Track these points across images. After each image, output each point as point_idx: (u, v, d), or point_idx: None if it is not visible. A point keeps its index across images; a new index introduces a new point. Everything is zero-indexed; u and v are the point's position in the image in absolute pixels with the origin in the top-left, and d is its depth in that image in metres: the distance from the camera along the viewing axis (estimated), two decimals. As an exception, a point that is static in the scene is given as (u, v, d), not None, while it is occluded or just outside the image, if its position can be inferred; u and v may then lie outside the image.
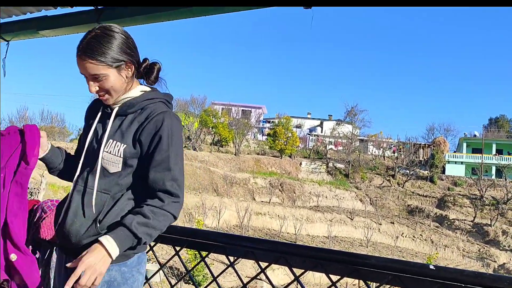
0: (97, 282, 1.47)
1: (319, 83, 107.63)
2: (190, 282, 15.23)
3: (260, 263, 1.86)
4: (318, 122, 57.83)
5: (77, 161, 1.74)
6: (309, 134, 54.12)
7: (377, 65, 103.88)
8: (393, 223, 36.86)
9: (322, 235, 34.50)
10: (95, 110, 1.79)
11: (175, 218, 1.60)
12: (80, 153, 1.75)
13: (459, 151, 49.70)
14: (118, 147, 1.63)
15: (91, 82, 1.62)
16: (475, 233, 36.57)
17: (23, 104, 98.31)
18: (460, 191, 41.45)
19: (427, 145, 48.56)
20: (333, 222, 35.51)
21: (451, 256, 34.18)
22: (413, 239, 35.64)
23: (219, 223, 31.27)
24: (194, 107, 49.94)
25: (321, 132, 54.88)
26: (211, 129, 46.57)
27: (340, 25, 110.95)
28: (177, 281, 2.12)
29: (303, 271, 1.77)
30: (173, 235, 1.98)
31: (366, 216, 37.30)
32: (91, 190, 1.64)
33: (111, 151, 1.63)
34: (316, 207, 38.03)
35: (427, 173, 44.30)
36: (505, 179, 40.58)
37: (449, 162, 45.96)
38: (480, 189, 39.85)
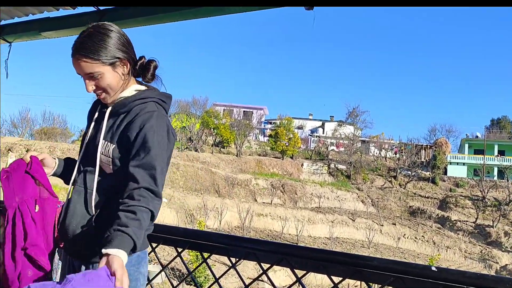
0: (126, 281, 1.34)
1: (320, 84, 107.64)
2: (192, 283, 15.23)
3: (262, 264, 1.86)
4: (319, 123, 57.84)
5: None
6: (310, 135, 54.12)
7: (379, 65, 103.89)
8: (395, 224, 36.79)
9: (323, 236, 34.45)
10: (94, 110, 1.79)
11: (153, 217, 1.54)
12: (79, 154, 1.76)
13: (461, 152, 49.65)
14: (108, 147, 1.63)
15: (87, 81, 1.62)
16: (477, 235, 36.47)
17: (25, 105, 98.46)
18: (462, 192, 41.38)
19: (429, 146, 48.54)
20: (335, 223, 35.46)
21: (453, 257, 34.08)
22: (415, 240, 35.57)
23: (220, 224, 31.24)
24: (195, 108, 50.02)
25: (323, 133, 54.87)
26: (212, 130, 46.58)
27: (341, 26, 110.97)
28: (179, 283, 2.12)
29: (304, 272, 1.77)
30: (175, 237, 1.98)
31: (367, 217, 37.24)
32: (90, 191, 1.64)
33: (103, 152, 1.64)
34: (317, 208, 37.98)
35: (429, 174, 44.23)
36: (507, 180, 40.53)
37: (451, 163, 45.91)
38: (482, 190, 39.77)
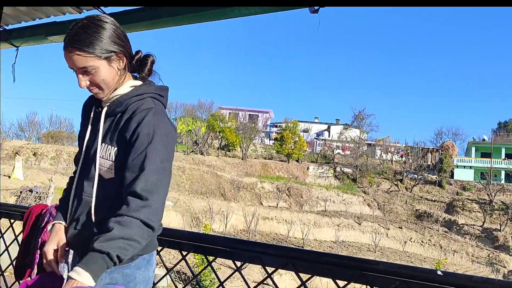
0: None
1: (326, 87, 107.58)
2: (197, 286, 15.23)
3: (267, 268, 1.86)
4: (325, 126, 57.76)
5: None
6: (316, 138, 54.03)
7: (385, 68, 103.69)
8: (401, 228, 36.61)
9: (329, 240, 34.35)
10: (89, 108, 1.69)
11: (146, 224, 1.41)
12: (78, 159, 1.68)
13: (467, 156, 49.35)
14: (109, 150, 1.54)
15: (80, 76, 1.50)
16: (485, 238, 36.21)
17: (32, 109, 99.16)
18: (469, 196, 41.11)
19: (435, 150, 48.30)
20: (341, 227, 35.35)
21: (460, 261, 33.85)
22: (422, 244, 35.37)
23: (226, 227, 31.23)
24: (201, 112, 50.11)
25: (329, 136, 54.79)
26: (218, 133, 46.65)
27: (347, 28, 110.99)
28: (184, 286, 2.12)
29: (310, 276, 1.77)
30: (180, 240, 1.98)
31: (374, 221, 37.09)
32: (89, 197, 1.57)
33: (103, 155, 1.54)
34: (323, 211, 37.89)
35: (436, 178, 44.00)
36: (515, 184, 40.28)
37: (457, 166, 45.65)
38: (489, 193, 39.51)
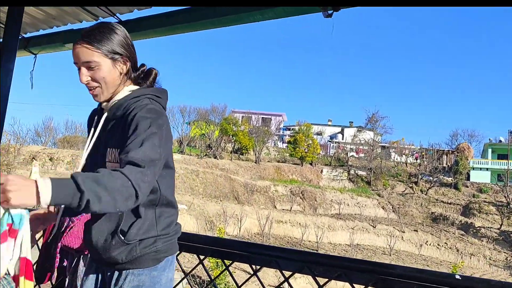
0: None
1: (339, 90, 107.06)
2: (212, 290, 15.26)
3: (283, 272, 1.86)
4: (339, 129, 57.46)
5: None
6: (330, 141, 53.79)
7: (398, 70, 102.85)
8: (417, 231, 36.21)
9: (344, 243, 34.13)
10: (91, 122, 1.74)
11: (133, 187, 1.31)
12: (85, 167, 1.68)
13: (484, 157, 48.61)
14: (114, 153, 1.55)
15: (83, 69, 1.54)
16: (502, 241, 35.58)
17: (48, 114, 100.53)
18: (485, 198, 40.48)
19: (450, 152, 47.73)
20: (355, 230, 35.11)
21: (477, 264, 33.33)
22: (438, 248, 34.92)
23: (240, 231, 31.25)
24: (214, 116, 50.25)
25: (342, 139, 54.49)
26: (231, 137, 46.73)
27: (360, 32, 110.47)
28: (200, 290, 2.13)
29: (326, 280, 1.77)
30: (197, 244, 2.00)
31: (389, 223, 36.75)
32: None
33: (111, 159, 1.55)
34: (337, 215, 37.67)
35: (451, 180, 43.45)
36: (533, 186, 39.55)
37: (473, 168, 44.99)
38: (506, 196, 38.83)
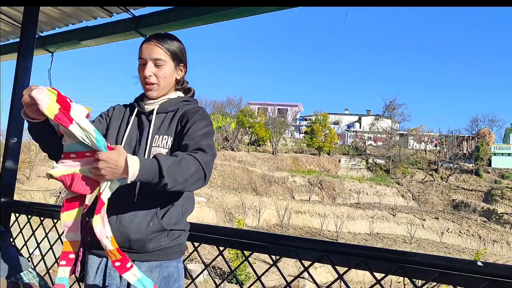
0: (102, 171, 1.37)
1: (356, 78, 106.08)
2: (233, 281, 15.40)
3: (303, 261, 1.87)
4: (356, 117, 56.98)
5: None
6: (347, 130, 53.41)
7: (416, 56, 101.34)
8: (438, 219, 35.83)
9: (364, 232, 33.99)
10: (123, 112, 1.86)
11: (204, 171, 1.52)
12: None
13: (506, 142, 47.69)
14: (165, 140, 1.72)
15: (150, 64, 1.72)
16: (526, 227, 35.02)
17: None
18: (508, 184, 39.77)
19: (471, 137, 46.90)
20: (375, 219, 34.92)
21: (500, 251, 32.85)
22: (459, 235, 34.52)
23: (259, 222, 31.38)
24: (230, 108, 50.36)
25: (360, 128, 54.04)
26: (248, 129, 46.78)
27: (376, 18, 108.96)
28: (222, 281, 2.16)
29: (346, 269, 1.77)
30: (217, 236, 2.02)
31: (409, 212, 36.45)
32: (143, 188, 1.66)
33: (159, 145, 1.71)
34: (356, 204, 37.52)
35: (472, 166, 42.79)
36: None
37: (495, 154, 44.18)
38: (530, 181, 38.17)
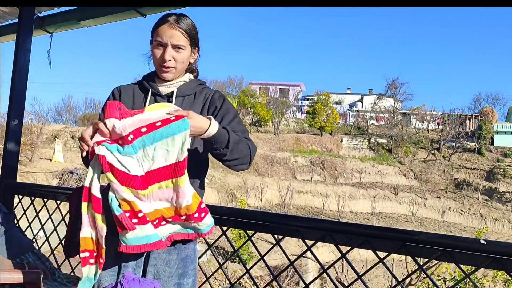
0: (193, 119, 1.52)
1: (358, 57, 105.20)
2: (235, 260, 15.57)
3: (306, 241, 1.88)
4: (358, 97, 56.67)
5: None
6: (349, 110, 53.21)
7: (418, 35, 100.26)
8: (440, 198, 35.97)
9: (366, 212, 34.18)
10: (131, 93, 1.86)
11: (251, 156, 1.75)
12: None
13: (508, 121, 47.49)
14: None
15: (170, 49, 1.75)
16: (528, 206, 35.14)
17: (68, 93, 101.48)
18: (510, 163, 39.74)
19: (473, 116, 46.71)
20: (377, 198, 35.06)
21: (501, 229, 33.02)
22: (461, 213, 34.68)
23: (261, 202, 31.57)
24: (231, 88, 50.18)
25: (362, 107, 53.82)
26: (249, 109, 46.68)
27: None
28: (225, 260, 2.17)
29: (349, 248, 1.78)
30: (220, 216, 2.02)
31: (411, 191, 36.57)
32: None
33: None
34: (358, 183, 37.64)
35: (475, 145, 42.73)
36: (560, 148, 38.60)
37: (498, 132, 44.07)
38: (532, 159, 38.15)
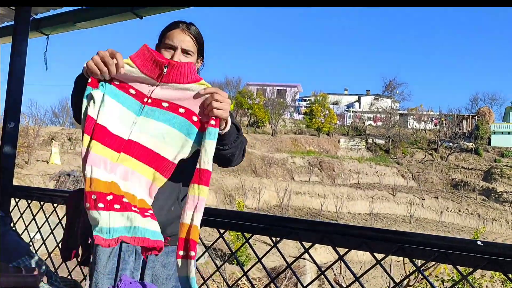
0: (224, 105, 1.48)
1: (355, 57, 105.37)
2: (233, 262, 15.55)
3: (303, 243, 1.87)
4: (355, 97, 56.75)
5: None
6: (346, 110, 53.27)
7: (415, 35, 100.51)
8: (437, 198, 36.03)
9: (363, 213, 34.21)
10: None
11: (244, 152, 1.79)
12: None
13: (505, 121, 47.60)
14: None
15: (179, 52, 1.78)
16: (525, 206, 35.23)
17: (64, 95, 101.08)
18: (507, 163, 39.86)
19: (471, 116, 46.81)
20: (375, 199, 35.10)
21: (499, 229, 33.10)
22: (459, 214, 34.75)
23: (259, 203, 31.55)
24: (229, 89, 50.13)
25: (359, 108, 53.88)
26: (246, 110, 46.68)
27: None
28: (223, 262, 2.17)
29: (347, 250, 1.77)
30: (217, 218, 2.02)
31: (408, 191, 36.62)
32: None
33: None
34: (356, 184, 37.67)
35: (472, 145, 42.84)
36: (556, 148, 38.73)
37: (495, 132, 44.18)
38: (529, 159, 38.26)
